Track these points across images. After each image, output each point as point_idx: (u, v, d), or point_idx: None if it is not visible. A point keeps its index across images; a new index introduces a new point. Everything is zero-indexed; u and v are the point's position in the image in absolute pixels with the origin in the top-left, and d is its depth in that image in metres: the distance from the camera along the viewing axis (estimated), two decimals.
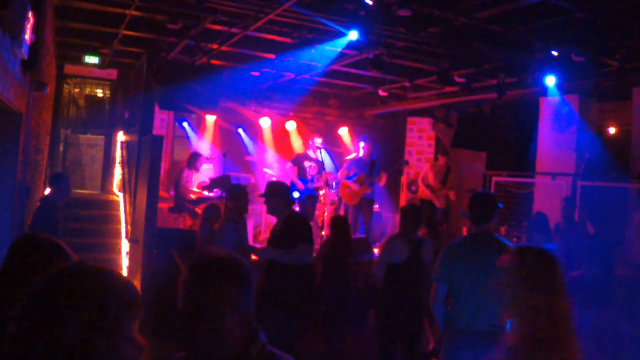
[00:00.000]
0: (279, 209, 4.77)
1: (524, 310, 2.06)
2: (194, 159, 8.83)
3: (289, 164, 9.13)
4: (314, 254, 6.52)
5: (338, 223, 6.31)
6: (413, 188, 10.73)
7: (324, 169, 8.87)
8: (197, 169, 8.88)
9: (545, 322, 2.00)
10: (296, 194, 8.84)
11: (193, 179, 8.86)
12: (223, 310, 1.56)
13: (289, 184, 8.89)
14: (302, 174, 8.92)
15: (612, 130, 10.73)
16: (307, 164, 8.96)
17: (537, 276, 2.08)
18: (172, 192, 8.98)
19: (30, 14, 4.19)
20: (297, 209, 9.04)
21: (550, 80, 7.34)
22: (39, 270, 1.88)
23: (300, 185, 8.85)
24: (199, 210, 8.57)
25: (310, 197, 9.01)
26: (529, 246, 2.21)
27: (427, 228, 6.29)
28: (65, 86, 11.38)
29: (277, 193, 4.76)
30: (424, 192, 9.93)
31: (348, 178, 9.07)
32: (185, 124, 10.91)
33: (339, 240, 6.12)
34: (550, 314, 2.02)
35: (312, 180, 8.94)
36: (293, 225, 4.69)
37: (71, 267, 1.30)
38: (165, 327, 5.05)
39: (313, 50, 7.17)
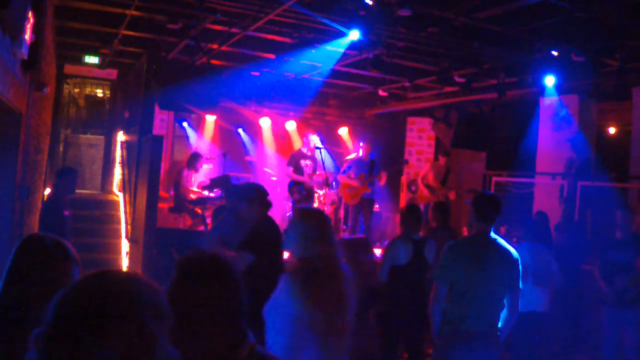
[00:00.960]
0: (250, 215, 4.11)
1: (303, 256, 2.70)
2: (193, 160, 8.83)
3: (289, 168, 9.01)
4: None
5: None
6: (413, 188, 10.71)
7: (324, 168, 8.85)
8: (196, 169, 8.87)
9: (317, 261, 2.65)
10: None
11: (193, 179, 8.86)
12: (207, 310, 1.53)
13: (288, 184, 8.92)
14: (298, 173, 8.89)
15: (612, 130, 10.74)
16: (303, 162, 8.92)
17: (307, 228, 2.72)
18: (172, 192, 8.98)
19: (30, 14, 4.19)
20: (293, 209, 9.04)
21: (550, 80, 7.34)
22: (41, 270, 1.89)
23: (308, 180, 8.77)
24: (199, 210, 8.57)
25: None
26: (304, 207, 2.99)
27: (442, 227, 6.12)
28: (65, 86, 11.38)
29: (250, 197, 4.10)
30: (423, 192, 9.91)
31: (344, 172, 9.03)
32: (185, 124, 10.91)
33: None
34: (319, 255, 2.66)
35: (310, 173, 8.90)
36: (256, 234, 4.01)
37: (97, 277, 1.07)
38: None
39: (313, 51, 7.17)
